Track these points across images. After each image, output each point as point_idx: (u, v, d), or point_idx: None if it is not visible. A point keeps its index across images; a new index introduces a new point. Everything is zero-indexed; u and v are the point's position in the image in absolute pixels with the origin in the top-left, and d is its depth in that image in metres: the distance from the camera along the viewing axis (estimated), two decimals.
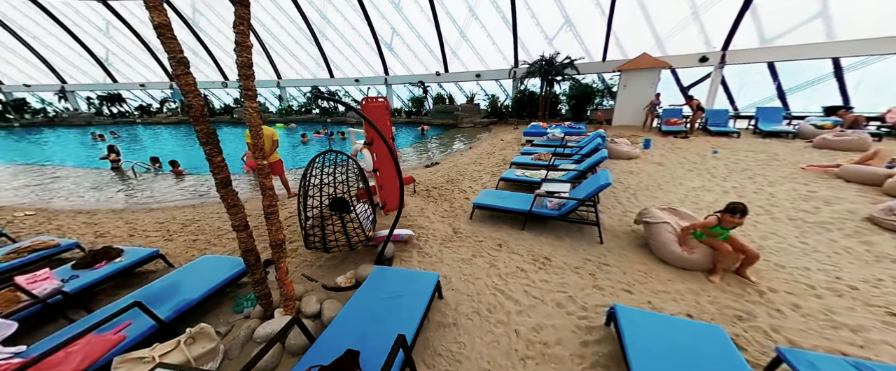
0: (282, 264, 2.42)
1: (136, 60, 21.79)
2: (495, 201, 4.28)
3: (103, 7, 18.35)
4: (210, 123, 2.13)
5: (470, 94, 18.81)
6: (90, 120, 21.25)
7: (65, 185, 7.56)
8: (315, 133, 14.85)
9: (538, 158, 6.52)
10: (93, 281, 2.79)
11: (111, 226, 4.61)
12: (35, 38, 19.92)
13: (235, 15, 1.93)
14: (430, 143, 12.32)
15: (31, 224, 4.73)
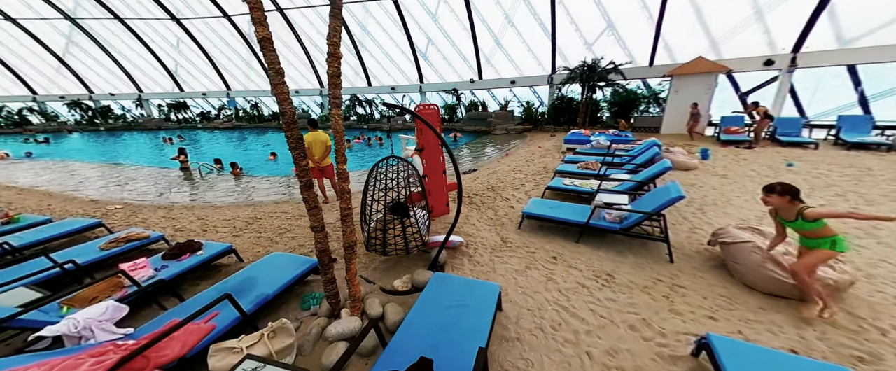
0: (352, 266, 2.49)
1: (199, 72, 24.28)
2: (547, 211, 4.14)
3: (176, 25, 20.70)
4: (298, 129, 2.26)
5: (503, 100, 18.69)
6: (160, 125, 23.91)
7: (143, 182, 8.50)
8: (355, 139, 15.50)
9: (585, 167, 6.25)
10: (180, 271, 3.06)
11: (186, 221, 5.07)
12: (119, 52, 22.94)
13: (329, 27, 2.05)
14: (464, 149, 12.31)
15: (121, 216, 5.34)
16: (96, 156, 13.46)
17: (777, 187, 2.52)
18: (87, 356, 1.63)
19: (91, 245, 3.59)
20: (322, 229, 2.41)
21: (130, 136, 20.72)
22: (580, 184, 5.23)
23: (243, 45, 22.16)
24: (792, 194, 2.45)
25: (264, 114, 24.85)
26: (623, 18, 14.98)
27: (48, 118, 24.53)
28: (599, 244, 3.75)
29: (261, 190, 7.41)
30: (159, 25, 21.34)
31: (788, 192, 2.46)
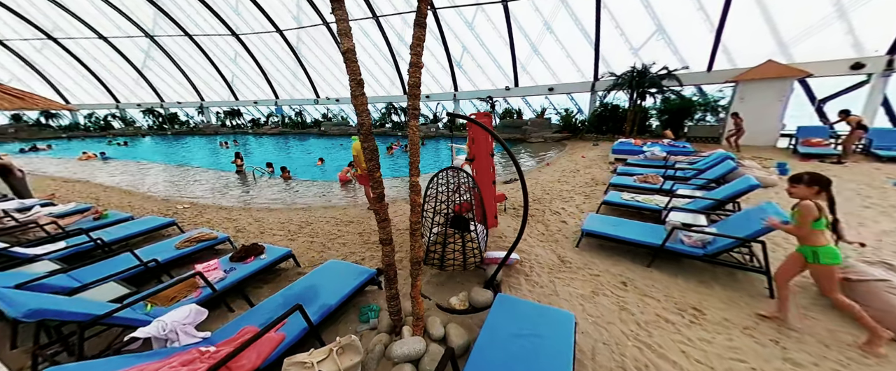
0: (418, 283, 2.39)
1: (251, 82, 26.43)
2: (609, 229, 3.80)
3: (235, 40, 22.74)
4: (375, 140, 2.22)
5: (540, 108, 18.21)
6: (216, 130, 26.23)
7: (205, 182, 9.23)
8: (393, 145, 15.87)
9: (644, 180, 5.76)
10: (247, 274, 3.16)
11: (245, 222, 5.34)
12: (186, 65, 25.64)
13: (413, 37, 1.99)
14: (499, 157, 12.00)
15: (188, 215, 5.77)
16: (165, 157, 14.99)
17: (805, 177, 2.29)
18: (178, 364, 1.66)
19: (167, 243, 3.85)
20: (390, 242, 2.34)
21: (192, 140, 22.92)
22: (642, 199, 4.80)
23: (291, 58, 23.79)
24: (821, 184, 2.23)
25: (307, 121, 26.33)
26: (675, 21, 14.05)
27: (127, 123, 27.89)
28: (676, 270, 3.35)
29: (308, 194, 7.71)
30: (220, 40, 23.61)
31: (817, 181, 2.23)
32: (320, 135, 24.29)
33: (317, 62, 24.25)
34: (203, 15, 21.70)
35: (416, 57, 2.02)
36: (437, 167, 11.40)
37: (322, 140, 22.04)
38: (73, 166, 12.48)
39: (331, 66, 24.54)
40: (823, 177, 2.25)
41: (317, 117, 26.59)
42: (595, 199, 5.71)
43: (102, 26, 22.60)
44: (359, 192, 7.57)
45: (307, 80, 24.67)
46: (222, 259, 3.41)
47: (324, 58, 24.40)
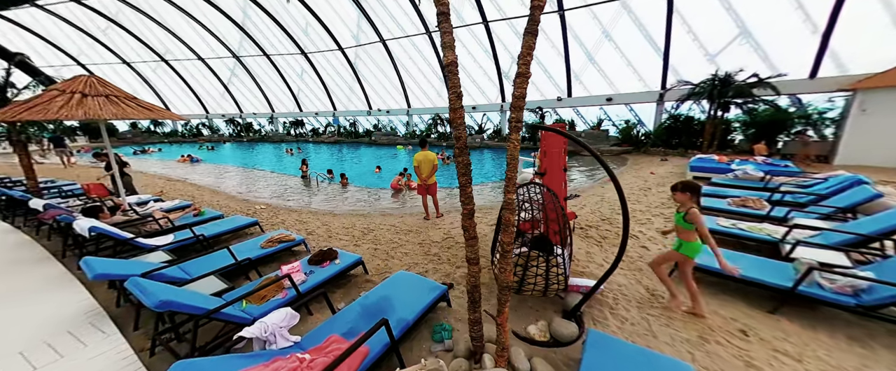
0: (505, 310, 2.21)
1: (313, 95, 29.08)
2: (715, 264, 3.25)
3: (303, 58, 25.28)
4: (469, 155, 2.14)
5: (596, 119, 17.17)
6: (282, 138, 29.14)
7: (276, 185, 10.14)
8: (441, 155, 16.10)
9: (742, 204, 4.96)
10: (324, 278, 3.26)
11: (314, 225, 5.67)
12: (261, 80, 29.14)
13: (523, 46, 1.89)
14: None
15: (265, 216, 6.31)
16: (241, 161, 16.96)
17: (679, 185, 2.75)
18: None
19: (253, 242, 4.18)
20: (477, 262, 2.20)
21: (262, 147, 25.74)
22: (747, 227, 4.09)
23: (348, 73, 25.75)
24: (692, 191, 2.72)
25: (359, 131, 28.07)
26: (764, 24, 12.41)
27: (213, 131, 32.30)
28: (813, 321, 2.72)
29: (366, 200, 8.02)
30: (291, 59, 26.47)
31: (689, 189, 2.72)
32: (370, 144, 25.68)
33: (371, 77, 25.93)
34: (278, 37, 24.60)
35: (525, 67, 1.90)
36: (483, 178, 11.31)
37: (372, 149, 23.25)
38: (173, 167, 14.66)
39: (383, 80, 26.06)
40: (694, 184, 2.67)
41: (368, 128, 28.24)
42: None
43: (201, 49, 26.77)
44: (412, 201, 7.68)
45: (362, 94, 26.43)
46: (302, 261, 3.58)
47: (377, 73, 26.04)
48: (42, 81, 6.37)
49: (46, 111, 3.78)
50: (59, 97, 3.98)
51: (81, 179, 10.48)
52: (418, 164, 5.72)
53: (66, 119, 3.83)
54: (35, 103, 3.90)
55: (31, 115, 3.71)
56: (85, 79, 4.34)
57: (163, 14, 24.12)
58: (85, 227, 3.55)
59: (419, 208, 6.89)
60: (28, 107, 3.85)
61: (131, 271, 2.89)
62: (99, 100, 4.20)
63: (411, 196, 8.26)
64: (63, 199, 6.33)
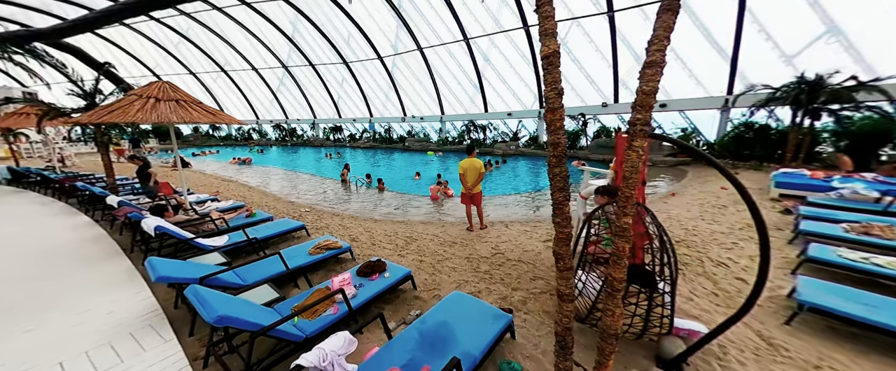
0: (608, 364, 1.78)
1: (351, 101, 30.28)
2: (860, 310, 2.54)
3: (344, 67, 26.45)
4: (567, 167, 1.77)
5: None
6: (322, 143, 30.60)
7: (318, 188, 10.39)
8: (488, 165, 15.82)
9: (864, 231, 4.03)
10: (375, 294, 3.03)
11: (357, 231, 5.56)
12: (305, 88, 30.95)
13: (658, 27, 1.50)
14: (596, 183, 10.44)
15: (310, 219, 6.35)
16: (286, 164, 17.90)
17: (600, 189, 3.21)
18: None
19: (301, 248, 4.10)
20: (572, 300, 1.80)
21: (304, 151, 27.15)
22: (885, 262, 3.24)
23: (384, 81, 26.50)
24: (609, 194, 3.10)
25: (393, 137, 28.66)
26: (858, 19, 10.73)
27: (261, 135, 34.80)
28: None
29: (404, 207, 7.87)
30: (332, 68, 27.85)
31: (606, 192, 3.15)
32: (404, 149, 26.05)
33: (406, 84, 26.45)
34: (323, 48, 26.03)
35: (659, 54, 1.51)
36: (516, 189, 10.75)
37: (405, 154, 23.53)
38: (227, 168, 15.79)
39: (417, 87, 26.47)
40: (611, 188, 3.23)
41: (401, 134, 28.75)
42: (774, 250, 4.21)
43: (254, 60, 29.09)
44: (453, 210, 7.38)
45: (397, 101, 27.03)
46: (351, 271, 3.39)
47: (412, 80, 26.50)
48: (123, 89, 7.01)
49: (126, 114, 4.01)
50: (136, 101, 4.23)
51: None
52: (463, 171, 5.42)
53: (142, 122, 4.05)
54: (116, 107, 4.17)
55: (113, 118, 3.96)
56: (159, 84, 4.61)
57: (224, 28, 26.59)
58: (151, 225, 3.66)
59: (460, 218, 6.58)
60: (110, 110, 4.12)
61: (190, 274, 2.85)
62: (170, 104, 4.41)
63: (450, 204, 7.98)
64: (134, 197, 6.87)
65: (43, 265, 4.01)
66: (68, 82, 6.44)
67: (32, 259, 4.19)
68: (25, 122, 8.34)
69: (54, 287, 3.48)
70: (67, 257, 4.24)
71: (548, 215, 6.77)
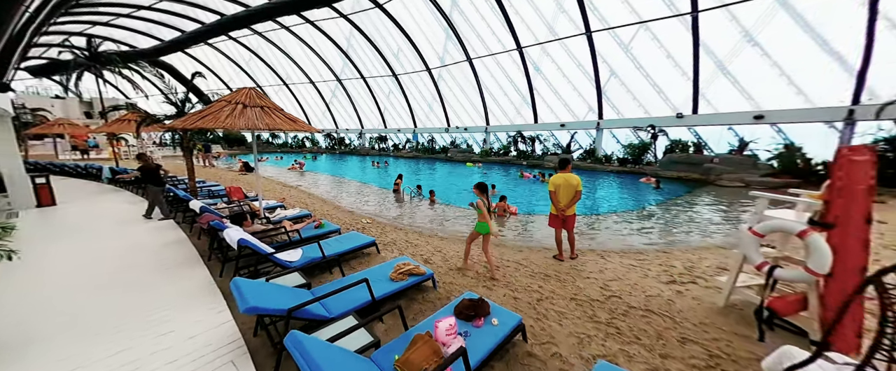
0: None
1: (395, 112, 31.04)
2: None
3: (393, 79, 27.22)
4: None
5: (738, 140, 13.72)
6: (368, 152, 31.61)
7: (372, 198, 10.23)
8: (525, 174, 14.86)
9: None
10: (489, 351, 2.37)
11: (427, 250, 5.03)
12: (355, 99, 32.43)
13: None
14: (673, 209, 8.72)
15: (373, 232, 5.99)
16: (337, 171, 18.45)
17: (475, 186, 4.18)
18: None
19: (380, 271, 3.63)
20: None
21: (351, 159, 28.18)
22: None
23: (428, 92, 26.79)
24: (480, 189, 4.11)
25: (436, 147, 28.68)
26: None
27: (314, 143, 37.01)
28: None
29: (462, 222, 7.26)
30: (380, 80, 28.87)
31: (477, 187, 4.15)
32: (447, 160, 25.82)
33: (449, 95, 26.44)
34: (373, 61, 27.14)
35: None
36: (589, 208, 9.62)
37: (447, 165, 23.25)
38: (286, 174, 16.58)
39: (461, 98, 26.31)
40: (481, 184, 4.26)
41: (444, 144, 28.68)
42: None
43: (311, 73, 31.24)
44: (519, 230, 6.60)
45: (442, 111, 27.09)
46: (448, 310, 2.79)
47: (456, 91, 26.42)
48: (204, 101, 7.40)
49: (216, 119, 3.93)
50: (225, 107, 4.16)
51: (218, 178, 12.38)
52: (555, 188, 4.65)
53: (230, 128, 3.94)
54: (207, 112, 4.12)
55: (205, 123, 3.89)
56: (245, 91, 4.56)
57: (287, 45, 28.96)
58: (234, 238, 3.43)
59: (535, 242, 5.78)
60: (202, 115, 4.08)
61: (279, 305, 2.45)
62: (256, 110, 4.30)
63: (516, 224, 7.20)
64: (211, 199, 7.10)
65: (123, 271, 3.99)
66: (162, 94, 6.99)
67: (114, 263, 4.23)
68: (126, 128, 9.26)
69: (133, 299, 3.34)
70: (148, 262, 4.22)
71: (643, 244, 5.71)
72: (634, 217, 7.68)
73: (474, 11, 20.63)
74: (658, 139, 14.73)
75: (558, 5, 17.65)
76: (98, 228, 5.73)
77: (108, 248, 4.75)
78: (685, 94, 16.10)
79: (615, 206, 9.03)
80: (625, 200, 9.82)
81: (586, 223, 7.08)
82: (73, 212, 6.72)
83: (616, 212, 8.30)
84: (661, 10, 14.19)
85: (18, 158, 6.77)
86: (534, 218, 7.57)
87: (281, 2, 18.78)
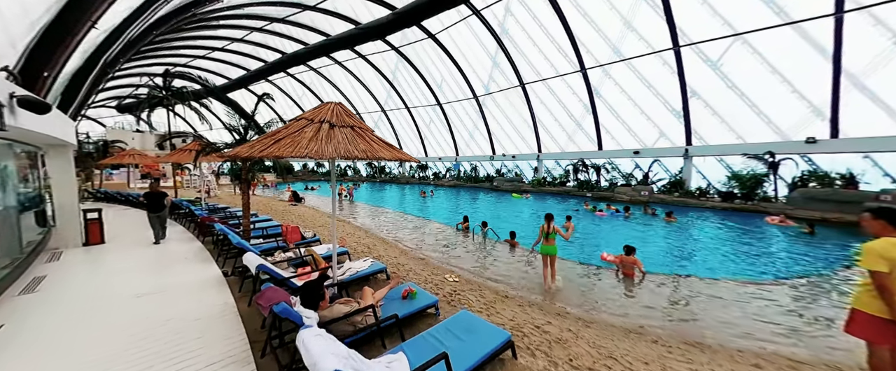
0: None
1: (435, 141, 30.46)
2: None
3: (432, 109, 26.87)
4: None
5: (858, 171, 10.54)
6: (408, 180, 30.94)
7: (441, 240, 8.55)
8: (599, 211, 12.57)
9: None
10: None
11: (578, 350, 3.13)
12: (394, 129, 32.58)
13: None
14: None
15: (471, 299, 4.24)
16: (383, 201, 17.36)
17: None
18: None
19: None
20: None
21: (391, 188, 27.47)
22: None
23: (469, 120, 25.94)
24: (547, 220, 5.04)
25: (479, 176, 27.16)
26: None
27: (355, 172, 37.41)
28: None
29: (579, 285, 5.28)
30: (423, 110, 28.74)
31: (546, 218, 5.09)
32: (491, 189, 24.07)
33: (493, 123, 25.33)
34: (415, 91, 27.22)
35: None
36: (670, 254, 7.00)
37: (492, 195, 21.49)
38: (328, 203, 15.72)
39: (506, 125, 25.06)
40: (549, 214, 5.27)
41: (489, 173, 27.10)
42: None
43: (357, 105, 32.15)
44: (651, 299, 4.49)
45: (486, 139, 25.89)
46: None
47: (501, 118, 25.29)
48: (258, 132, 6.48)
49: (295, 144, 2.61)
50: (307, 127, 2.85)
51: (267, 210, 11.62)
52: (891, 266, 2.32)
53: (317, 156, 2.59)
54: (284, 134, 2.82)
55: (282, 150, 2.57)
56: (331, 107, 3.30)
57: (336, 79, 30.27)
58: (318, 351, 1.84)
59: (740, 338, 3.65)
60: (276, 138, 2.79)
61: None
62: (346, 132, 2.95)
63: (654, 289, 5.08)
64: (266, 241, 5.89)
65: (158, 346, 2.64)
66: (224, 126, 6.29)
67: (149, 333, 2.89)
68: (187, 158, 8.80)
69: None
70: (186, 340, 2.83)
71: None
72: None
73: (526, 38, 19.90)
74: (778, 169, 11.84)
75: (626, 24, 16.21)
76: (135, 281, 4.61)
77: (138, 317, 3.48)
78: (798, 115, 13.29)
79: (780, 268, 6.32)
80: (794, 260, 6.59)
81: (750, 295, 4.74)
82: (117, 256, 5.79)
83: (806, 276, 5.74)
84: (767, 17, 12.07)
85: (74, 192, 6.18)
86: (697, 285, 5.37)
87: (337, 38, 19.44)
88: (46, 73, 4.13)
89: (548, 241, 4.97)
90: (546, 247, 5.00)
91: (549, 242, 4.97)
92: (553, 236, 4.98)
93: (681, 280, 5.46)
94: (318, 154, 2.52)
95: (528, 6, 18.46)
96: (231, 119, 6.25)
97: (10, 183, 4.88)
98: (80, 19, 4.14)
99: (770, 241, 8.35)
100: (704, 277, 5.57)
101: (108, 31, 6.49)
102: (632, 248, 5.47)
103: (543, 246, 5.03)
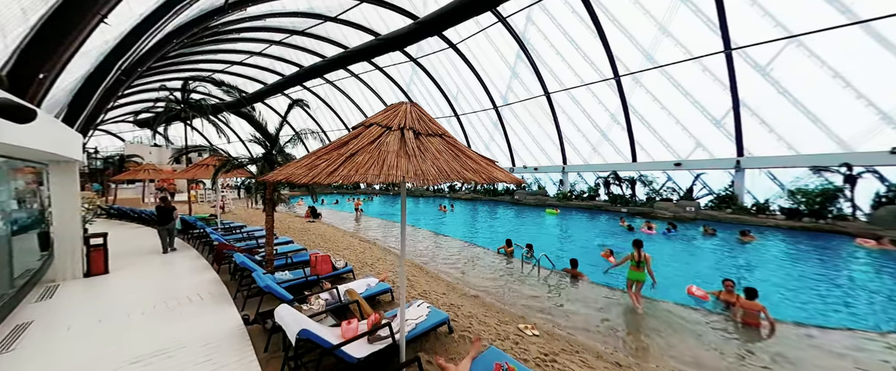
0: None
1: None
2: None
3: (453, 121, 26.16)
4: None
5: None
6: (422, 193, 30.08)
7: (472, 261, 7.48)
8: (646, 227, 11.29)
9: None
10: None
11: None
12: None
13: None
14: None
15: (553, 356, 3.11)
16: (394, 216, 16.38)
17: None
18: None
19: None
20: None
21: (409, 199, 26.59)
22: None
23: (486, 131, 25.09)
24: (636, 247, 5.10)
25: (498, 189, 26.05)
26: None
27: (368, 184, 36.74)
28: None
29: (614, 312, 4.10)
30: (443, 121, 28.09)
31: (635, 244, 5.15)
32: (512, 203, 22.92)
33: (512, 135, 24.42)
34: (430, 104, 26.67)
35: None
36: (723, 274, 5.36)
37: (513, 209, 20.34)
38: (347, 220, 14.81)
39: (525, 136, 24.11)
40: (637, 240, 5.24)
41: (509, 186, 26.01)
42: None
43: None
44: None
45: (505, 150, 24.91)
46: None
47: (520, 130, 24.37)
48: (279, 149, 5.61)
49: (382, 163, 1.63)
50: (387, 137, 1.88)
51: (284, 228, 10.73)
52: None
53: (418, 182, 1.62)
54: (354, 147, 1.85)
55: (361, 172, 1.60)
56: (405, 107, 2.34)
57: (348, 88, 30.00)
58: None
59: None
60: (344, 153, 1.82)
61: None
62: (434, 144, 1.98)
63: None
64: (293, 275, 4.92)
65: None
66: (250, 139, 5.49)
67: None
68: (205, 173, 8.07)
69: None
70: None
71: None
72: None
73: (548, 46, 19.21)
74: (856, 184, 10.45)
75: (662, 30, 15.30)
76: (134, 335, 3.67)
77: None
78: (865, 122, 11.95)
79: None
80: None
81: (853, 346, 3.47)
82: (118, 294, 4.87)
83: None
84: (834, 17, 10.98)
85: (77, 214, 5.38)
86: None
87: (356, 49, 19.09)
88: (43, 74, 3.38)
89: (638, 269, 4.99)
90: (635, 273, 5.03)
91: (639, 270, 4.99)
92: (643, 264, 4.95)
93: (834, 335, 4.18)
94: (421, 178, 1.55)
95: (551, 14, 17.83)
96: (256, 131, 5.44)
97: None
98: (87, 11, 3.44)
99: (867, 266, 6.94)
100: (859, 329, 4.29)
101: (123, 35, 5.89)
102: (754, 291, 4.28)
103: (633, 272, 5.06)
